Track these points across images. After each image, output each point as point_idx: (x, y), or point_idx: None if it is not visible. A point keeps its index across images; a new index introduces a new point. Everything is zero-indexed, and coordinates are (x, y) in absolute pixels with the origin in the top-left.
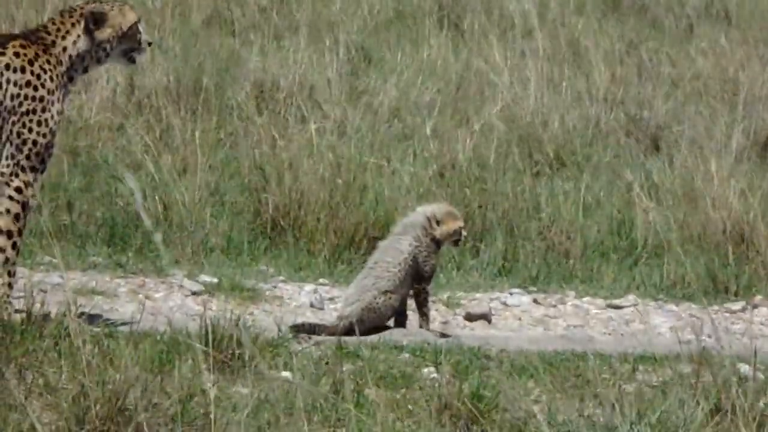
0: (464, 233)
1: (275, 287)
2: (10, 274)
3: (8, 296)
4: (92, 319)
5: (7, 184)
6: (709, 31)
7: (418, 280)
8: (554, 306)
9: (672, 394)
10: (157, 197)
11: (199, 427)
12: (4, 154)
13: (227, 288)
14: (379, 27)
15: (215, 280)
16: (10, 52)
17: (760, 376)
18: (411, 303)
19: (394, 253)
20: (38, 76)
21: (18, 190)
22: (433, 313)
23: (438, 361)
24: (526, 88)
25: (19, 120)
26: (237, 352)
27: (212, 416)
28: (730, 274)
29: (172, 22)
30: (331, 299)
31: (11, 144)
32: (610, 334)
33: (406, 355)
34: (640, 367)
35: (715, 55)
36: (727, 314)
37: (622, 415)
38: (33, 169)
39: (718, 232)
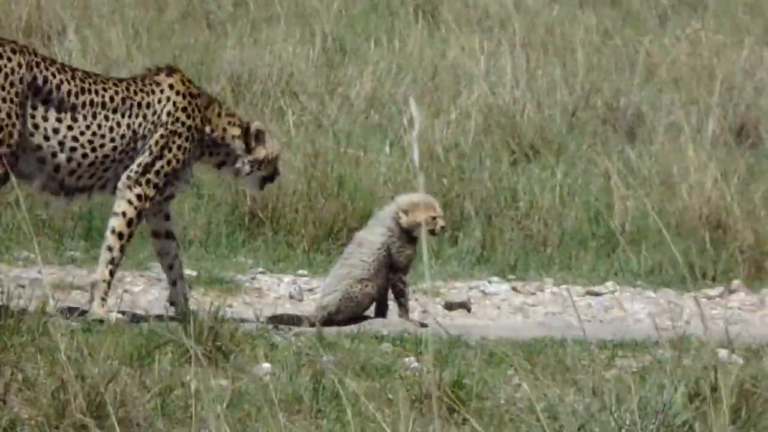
0: (441, 223)
1: (254, 279)
2: (112, 274)
3: (107, 294)
4: (71, 313)
5: (130, 189)
6: (684, 20)
7: (394, 271)
8: (533, 294)
9: (651, 379)
10: None
11: (179, 420)
12: (136, 161)
13: (206, 280)
14: (355, 18)
15: (194, 272)
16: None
17: (739, 360)
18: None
19: (367, 243)
20: (192, 111)
21: (139, 197)
22: (412, 303)
23: (418, 351)
24: (502, 78)
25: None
26: (216, 344)
27: (192, 409)
28: (708, 259)
29: (147, 16)
30: (310, 290)
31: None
32: (589, 320)
33: (386, 345)
34: (619, 353)
35: (690, 43)
36: (705, 300)
37: (601, 401)
38: (156, 186)
39: (695, 218)
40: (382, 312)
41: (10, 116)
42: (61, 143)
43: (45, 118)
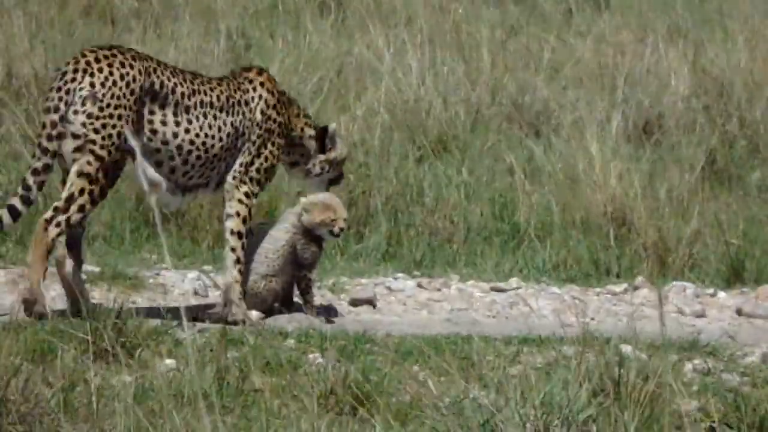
0: (340, 225)
1: (158, 275)
2: (241, 273)
3: (242, 294)
4: None
5: (237, 188)
6: (588, 17)
7: (298, 268)
8: (438, 290)
9: (555, 375)
10: None
11: (82, 417)
12: (238, 161)
13: (110, 277)
14: (260, 14)
15: (97, 269)
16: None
17: (642, 356)
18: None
19: (273, 239)
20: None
21: (247, 195)
22: (318, 299)
23: (323, 347)
24: (408, 74)
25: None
26: (120, 340)
27: (95, 405)
28: (612, 256)
29: (50, 10)
30: (215, 286)
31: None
32: (494, 317)
33: (291, 341)
34: (524, 350)
35: (594, 40)
36: (609, 296)
37: (506, 397)
38: (258, 182)
39: (599, 214)
40: (287, 308)
41: (126, 124)
42: (179, 146)
43: (164, 122)
